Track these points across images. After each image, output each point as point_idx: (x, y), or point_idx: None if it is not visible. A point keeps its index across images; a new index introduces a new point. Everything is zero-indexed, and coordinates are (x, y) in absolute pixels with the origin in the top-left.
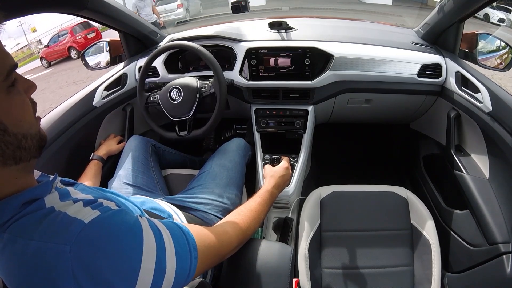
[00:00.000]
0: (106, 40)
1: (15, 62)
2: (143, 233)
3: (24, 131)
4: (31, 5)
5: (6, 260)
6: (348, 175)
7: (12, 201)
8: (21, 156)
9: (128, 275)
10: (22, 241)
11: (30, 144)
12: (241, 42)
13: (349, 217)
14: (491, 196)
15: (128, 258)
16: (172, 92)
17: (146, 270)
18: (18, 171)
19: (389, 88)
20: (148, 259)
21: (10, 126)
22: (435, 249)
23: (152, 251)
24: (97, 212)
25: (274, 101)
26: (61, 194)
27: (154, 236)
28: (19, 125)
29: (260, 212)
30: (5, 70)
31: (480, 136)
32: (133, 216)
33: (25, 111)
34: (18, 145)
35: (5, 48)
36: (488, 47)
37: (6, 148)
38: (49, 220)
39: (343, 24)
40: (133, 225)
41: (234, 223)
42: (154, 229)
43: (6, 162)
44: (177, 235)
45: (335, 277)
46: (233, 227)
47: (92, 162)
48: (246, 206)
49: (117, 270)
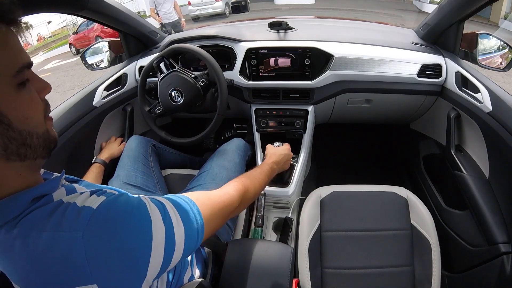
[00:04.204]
0: (106, 40)
1: (29, 60)
2: (148, 208)
3: (30, 129)
4: (31, 5)
5: (16, 254)
6: (348, 175)
7: (22, 196)
8: (26, 154)
9: (141, 250)
10: (34, 234)
11: (36, 143)
12: (241, 42)
13: (349, 217)
14: (491, 196)
15: (139, 234)
16: (172, 95)
17: (157, 242)
18: (22, 167)
19: (389, 88)
20: (157, 231)
21: (15, 122)
22: (435, 249)
23: (160, 222)
24: (102, 198)
25: (274, 101)
26: (67, 189)
27: (158, 209)
28: (25, 122)
29: (260, 180)
30: (17, 66)
31: (480, 136)
32: (136, 196)
33: (32, 109)
34: (22, 142)
35: (21, 45)
36: (488, 47)
37: (9, 143)
38: (59, 211)
39: (343, 24)
40: (138, 203)
41: (234, 185)
42: (156, 202)
43: (9, 157)
44: (178, 203)
45: (335, 277)
46: (233, 188)
47: (94, 165)
48: (246, 173)
49: (130, 247)
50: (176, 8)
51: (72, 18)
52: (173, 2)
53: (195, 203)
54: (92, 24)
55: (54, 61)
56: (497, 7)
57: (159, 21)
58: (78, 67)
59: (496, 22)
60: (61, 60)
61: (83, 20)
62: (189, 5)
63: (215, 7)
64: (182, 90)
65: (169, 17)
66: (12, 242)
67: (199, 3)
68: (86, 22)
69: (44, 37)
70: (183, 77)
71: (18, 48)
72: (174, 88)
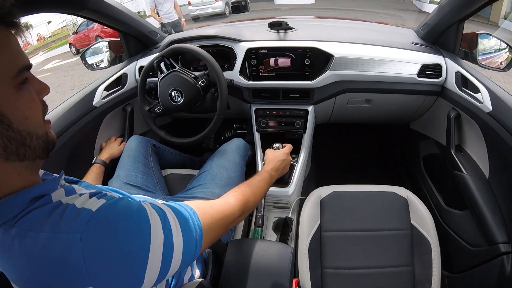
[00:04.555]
0: (106, 40)
1: (28, 62)
2: (148, 213)
3: (30, 130)
4: (31, 5)
5: (14, 254)
6: (348, 175)
7: (20, 196)
8: (25, 154)
9: (139, 254)
10: (32, 234)
11: (36, 144)
12: (241, 42)
13: (349, 217)
14: (491, 196)
15: (138, 238)
16: (172, 95)
17: (156, 248)
18: (21, 168)
19: (389, 88)
20: (156, 237)
21: (15, 122)
22: (435, 249)
23: (159, 228)
24: (102, 201)
25: (274, 101)
26: (66, 190)
27: (158, 215)
28: (25, 122)
29: (260, 188)
30: (17, 67)
31: (480, 136)
32: (136, 201)
33: (32, 110)
34: (22, 142)
35: (20, 46)
36: (488, 47)
37: (9, 143)
38: (58, 212)
39: (343, 24)
40: (138, 208)
41: (235, 194)
42: (157, 209)
43: (9, 157)
44: (179, 211)
45: (335, 277)
46: (234, 198)
47: (95, 165)
48: (246, 182)
49: (128, 251)
50: (176, 8)
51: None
52: (173, 2)
53: (196, 212)
54: (92, 24)
55: (54, 61)
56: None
57: (159, 21)
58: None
59: (496, 22)
60: (61, 60)
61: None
62: (189, 5)
63: (215, 7)
64: (182, 90)
65: (169, 17)
66: (10, 242)
67: (199, 3)
68: (86, 22)
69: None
70: (183, 77)
71: (18, 49)
72: (174, 88)
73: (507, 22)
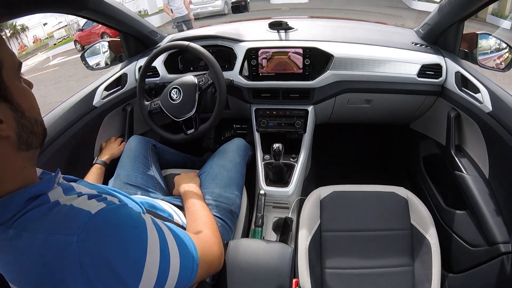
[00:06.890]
0: (106, 40)
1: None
2: (147, 227)
3: (36, 116)
4: (31, 5)
5: (11, 255)
6: (348, 175)
7: (17, 197)
8: (32, 142)
9: (134, 265)
10: (29, 235)
11: (40, 131)
12: (241, 42)
13: (349, 217)
14: (491, 196)
15: (134, 248)
16: (172, 92)
17: (152, 263)
18: (27, 159)
19: (389, 88)
20: (153, 252)
21: (26, 111)
22: (435, 249)
23: (156, 244)
24: (102, 204)
25: (274, 101)
26: (64, 188)
27: (157, 232)
28: (32, 110)
29: (210, 216)
30: (17, 63)
31: (480, 136)
32: (137, 212)
33: (33, 99)
34: (31, 130)
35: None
36: (488, 47)
37: (22, 131)
38: (55, 213)
39: (343, 24)
40: (137, 219)
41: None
42: (156, 225)
43: (21, 146)
44: (178, 234)
45: (335, 277)
46: (216, 242)
47: (95, 166)
48: (203, 217)
49: (124, 260)
50: (185, 3)
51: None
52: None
53: (194, 242)
54: None
55: (59, 57)
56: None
57: (172, 17)
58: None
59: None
60: (66, 57)
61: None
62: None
63: (215, 5)
64: (182, 89)
65: (181, 12)
66: (7, 243)
67: (200, 1)
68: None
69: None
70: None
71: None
72: (174, 87)
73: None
